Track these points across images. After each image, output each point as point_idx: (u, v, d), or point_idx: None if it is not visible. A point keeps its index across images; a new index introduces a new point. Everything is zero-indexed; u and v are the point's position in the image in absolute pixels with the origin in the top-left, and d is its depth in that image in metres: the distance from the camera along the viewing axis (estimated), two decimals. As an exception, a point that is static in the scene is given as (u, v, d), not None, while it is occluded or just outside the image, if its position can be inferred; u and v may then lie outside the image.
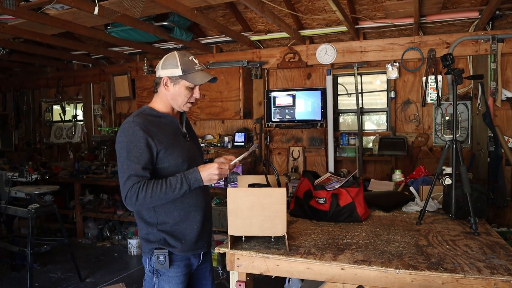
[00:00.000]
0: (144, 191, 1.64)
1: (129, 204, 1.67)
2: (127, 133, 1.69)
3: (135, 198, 1.64)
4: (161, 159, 1.72)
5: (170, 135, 1.78)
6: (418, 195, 2.75)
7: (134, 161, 1.66)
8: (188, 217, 1.80)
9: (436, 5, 3.63)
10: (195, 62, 1.79)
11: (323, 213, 2.33)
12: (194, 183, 1.69)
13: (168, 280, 1.78)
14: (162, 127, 1.77)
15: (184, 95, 1.79)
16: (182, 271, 1.81)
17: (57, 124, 6.62)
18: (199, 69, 1.79)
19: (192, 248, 1.82)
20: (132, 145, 1.67)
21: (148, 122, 1.73)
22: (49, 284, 3.90)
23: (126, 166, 1.67)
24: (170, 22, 4.04)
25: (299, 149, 4.88)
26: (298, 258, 1.75)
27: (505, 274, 1.52)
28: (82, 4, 3.09)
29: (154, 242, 1.77)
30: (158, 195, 1.65)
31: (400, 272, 1.60)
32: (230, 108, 4.76)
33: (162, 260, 1.74)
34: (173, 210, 1.77)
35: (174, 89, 1.78)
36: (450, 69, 2.28)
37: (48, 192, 3.95)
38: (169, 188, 1.66)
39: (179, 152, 1.77)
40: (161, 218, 1.77)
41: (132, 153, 1.66)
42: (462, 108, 4.17)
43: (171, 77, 1.77)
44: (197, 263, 1.89)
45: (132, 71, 5.66)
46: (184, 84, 1.77)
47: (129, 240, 4.78)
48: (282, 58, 4.78)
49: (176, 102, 1.81)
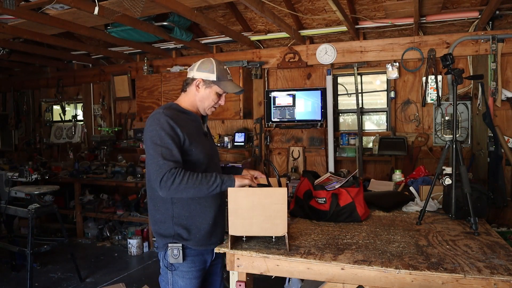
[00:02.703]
0: (181, 177, 1.67)
1: (164, 188, 1.68)
2: (158, 121, 1.75)
3: (171, 182, 1.66)
4: (186, 151, 1.79)
5: (195, 131, 1.86)
6: (418, 195, 2.75)
7: (168, 147, 1.71)
8: (204, 212, 1.86)
9: (436, 5, 3.63)
10: (228, 72, 1.93)
11: (323, 213, 2.33)
12: (227, 181, 1.76)
13: (182, 275, 1.84)
14: (188, 123, 1.86)
15: (212, 99, 1.90)
16: (196, 266, 1.86)
17: (57, 124, 6.62)
18: (230, 79, 1.93)
19: (205, 243, 1.88)
20: (164, 132, 1.73)
21: (177, 115, 1.81)
22: (49, 284, 3.90)
23: (160, 151, 1.70)
24: (170, 22, 4.04)
25: (299, 149, 4.88)
26: (298, 258, 1.75)
27: (505, 274, 1.52)
28: (82, 4, 3.09)
29: (169, 237, 1.83)
30: (193, 184, 1.69)
31: (400, 272, 1.60)
32: (230, 108, 4.76)
33: (176, 254, 1.80)
34: (190, 203, 1.83)
35: (205, 92, 1.89)
36: (450, 69, 2.28)
37: (48, 192, 3.95)
38: (204, 179, 1.71)
39: (201, 148, 1.84)
40: (177, 211, 1.82)
41: (165, 140, 1.72)
42: (462, 108, 4.17)
43: (205, 80, 1.88)
44: (210, 259, 1.95)
45: (132, 71, 5.66)
46: (215, 90, 1.89)
47: (129, 240, 4.77)
48: (282, 58, 4.78)
49: (203, 104, 1.91)
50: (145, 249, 4.84)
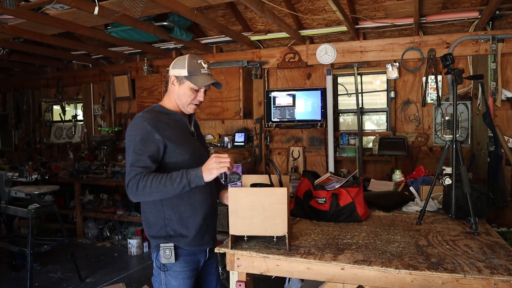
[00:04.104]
0: (145, 181, 1.66)
1: (131, 193, 1.70)
2: (135, 127, 1.76)
3: (135, 188, 1.67)
4: (168, 153, 1.77)
5: (179, 132, 1.84)
6: (418, 195, 2.75)
7: (139, 153, 1.71)
8: (195, 213, 1.84)
9: (436, 5, 3.63)
10: (203, 66, 1.86)
11: (323, 213, 2.33)
12: (195, 179, 1.68)
13: (175, 275, 1.82)
14: (171, 123, 1.83)
15: (188, 96, 1.86)
16: (189, 266, 1.85)
17: (57, 124, 6.62)
18: (205, 73, 1.85)
19: (198, 243, 1.87)
20: (138, 138, 1.72)
21: (156, 118, 1.79)
22: (49, 284, 3.90)
23: (132, 157, 1.72)
24: (170, 22, 4.04)
25: (299, 149, 4.88)
26: (298, 258, 1.75)
27: (505, 274, 1.52)
28: (82, 4, 3.09)
29: (160, 238, 1.82)
30: (157, 187, 1.66)
31: (400, 272, 1.60)
32: (230, 108, 4.76)
33: (168, 254, 1.79)
34: (179, 204, 1.81)
35: (180, 89, 1.86)
36: (450, 69, 2.28)
37: (48, 192, 3.95)
38: (169, 181, 1.67)
39: (186, 149, 1.81)
40: (168, 213, 1.81)
41: (138, 145, 1.72)
42: (462, 108, 4.17)
43: (178, 76, 1.86)
44: (204, 259, 1.93)
45: (132, 71, 5.66)
46: (188, 85, 1.85)
47: (129, 240, 4.77)
48: (282, 58, 4.78)
49: (181, 101, 1.88)
50: (145, 249, 4.84)
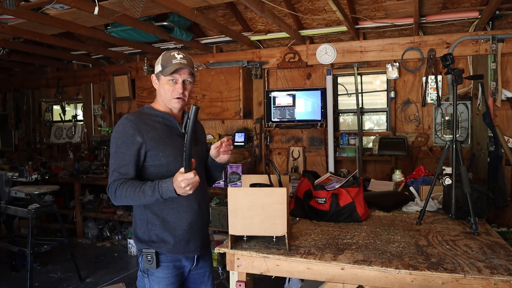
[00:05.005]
0: (120, 190, 1.66)
1: (111, 197, 1.71)
2: (118, 129, 1.75)
3: (113, 194, 1.69)
4: (151, 156, 1.74)
5: (164, 134, 1.78)
6: (418, 195, 2.75)
7: (120, 157, 1.70)
8: (179, 218, 1.78)
9: (436, 5, 3.63)
10: (175, 57, 1.76)
11: (323, 213, 2.33)
12: (166, 192, 1.59)
13: (158, 281, 1.77)
14: (156, 125, 1.78)
15: (167, 90, 1.78)
16: (172, 272, 1.79)
17: (57, 124, 6.61)
18: (176, 62, 1.75)
19: (181, 250, 1.79)
20: (120, 141, 1.71)
21: (141, 119, 1.76)
22: (49, 284, 3.90)
23: (113, 161, 1.72)
24: (170, 22, 4.04)
25: (299, 149, 4.88)
26: (298, 258, 1.75)
27: (505, 274, 1.52)
28: (82, 4, 3.09)
29: (143, 242, 1.78)
30: (131, 197, 1.66)
31: (400, 272, 1.60)
32: (230, 108, 4.76)
33: (150, 260, 1.75)
34: (163, 208, 1.76)
35: (160, 86, 1.82)
36: (450, 69, 2.28)
37: (48, 192, 3.95)
38: (141, 193, 1.63)
39: (170, 151, 1.75)
40: (150, 216, 1.77)
41: (120, 149, 1.71)
42: (462, 108, 4.17)
43: (156, 74, 1.83)
44: (190, 266, 1.87)
45: (132, 71, 5.66)
46: (164, 79, 1.78)
47: (129, 240, 4.78)
48: (282, 58, 4.78)
49: (165, 98, 1.81)
50: (145, 249, 4.83)
